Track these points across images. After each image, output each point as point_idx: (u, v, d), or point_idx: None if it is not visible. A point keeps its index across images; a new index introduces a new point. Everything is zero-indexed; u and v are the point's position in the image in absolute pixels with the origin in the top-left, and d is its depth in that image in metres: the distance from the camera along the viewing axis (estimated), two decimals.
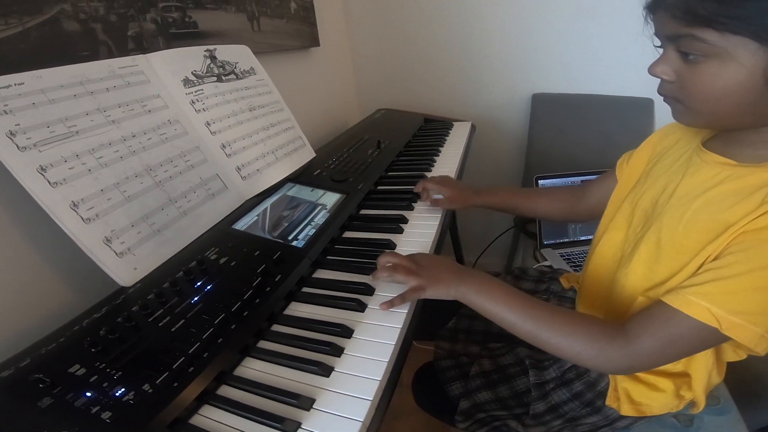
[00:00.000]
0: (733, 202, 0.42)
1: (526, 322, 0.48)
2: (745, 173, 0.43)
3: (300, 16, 1.11)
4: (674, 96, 0.44)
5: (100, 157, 0.53)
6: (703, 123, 0.47)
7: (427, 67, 1.41)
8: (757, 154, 0.43)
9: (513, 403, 0.60)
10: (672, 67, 0.42)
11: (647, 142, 0.61)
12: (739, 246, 0.40)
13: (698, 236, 0.44)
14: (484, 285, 0.51)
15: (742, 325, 0.38)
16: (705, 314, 0.39)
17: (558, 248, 1.20)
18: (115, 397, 0.35)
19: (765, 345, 0.39)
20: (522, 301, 0.49)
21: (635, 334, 0.44)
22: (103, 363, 0.38)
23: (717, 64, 0.38)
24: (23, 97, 0.48)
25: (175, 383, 0.37)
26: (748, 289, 0.39)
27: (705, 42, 0.38)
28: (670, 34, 0.41)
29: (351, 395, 0.39)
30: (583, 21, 1.19)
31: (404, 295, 0.51)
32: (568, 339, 0.46)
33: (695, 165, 0.48)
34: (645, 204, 0.53)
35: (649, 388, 0.54)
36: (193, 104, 0.67)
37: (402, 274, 0.52)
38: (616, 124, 1.27)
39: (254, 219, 0.66)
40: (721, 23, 0.36)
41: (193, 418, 0.38)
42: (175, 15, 0.73)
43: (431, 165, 0.96)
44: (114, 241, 0.51)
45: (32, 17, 0.53)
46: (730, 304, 0.39)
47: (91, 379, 0.37)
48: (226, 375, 0.42)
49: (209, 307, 0.47)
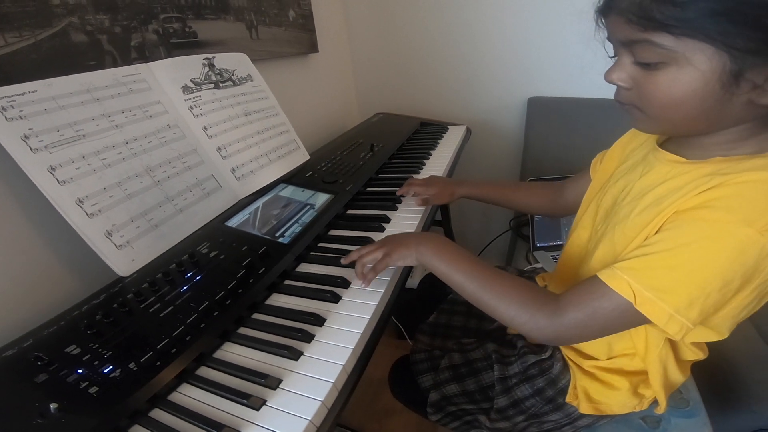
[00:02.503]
0: (676, 197, 0.42)
1: (471, 284, 0.50)
2: (691, 169, 0.43)
3: (299, 23, 1.15)
4: (632, 103, 0.44)
5: (104, 159, 0.58)
6: (661, 130, 0.47)
7: (425, 72, 1.45)
8: (704, 154, 0.43)
9: (479, 397, 0.62)
10: (628, 73, 0.42)
11: (618, 142, 0.62)
12: (671, 224, 0.41)
13: (641, 226, 0.44)
14: (440, 247, 0.54)
15: (652, 300, 0.39)
16: (625, 287, 0.40)
17: (551, 251, 1.21)
18: (104, 374, 0.40)
19: (676, 327, 0.39)
20: (471, 265, 0.51)
21: (564, 304, 0.44)
22: (96, 344, 0.43)
23: (674, 69, 0.38)
24: (36, 104, 0.54)
25: (158, 362, 0.42)
26: (666, 266, 0.39)
27: (661, 47, 0.37)
28: (625, 39, 0.40)
29: (315, 377, 0.43)
30: (578, 25, 1.20)
31: (375, 266, 0.55)
32: (504, 302, 0.48)
33: (650, 164, 0.49)
34: (607, 204, 0.54)
35: (605, 387, 0.56)
36: (191, 110, 0.72)
37: (368, 256, 0.56)
38: (611, 127, 1.26)
39: (246, 217, 0.71)
40: (677, 27, 0.35)
41: (172, 395, 0.42)
42: (176, 26, 0.78)
43: (420, 167, 0.99)
44: (114, 235, 0.56)
45: (43, 30, 0.58)
46: (648, 279, 0.39)
47: (84, 358, 0.41)
48: (206, 357, 0.46)
49: (196, 296, 0.51)
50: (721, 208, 0.37)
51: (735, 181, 0.38)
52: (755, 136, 0.41)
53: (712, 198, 0.38)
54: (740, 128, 0.41)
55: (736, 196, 0.37)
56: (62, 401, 0.37)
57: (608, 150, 0.64)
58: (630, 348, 0.53)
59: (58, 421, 0.35)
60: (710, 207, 0.38)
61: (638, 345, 0.52)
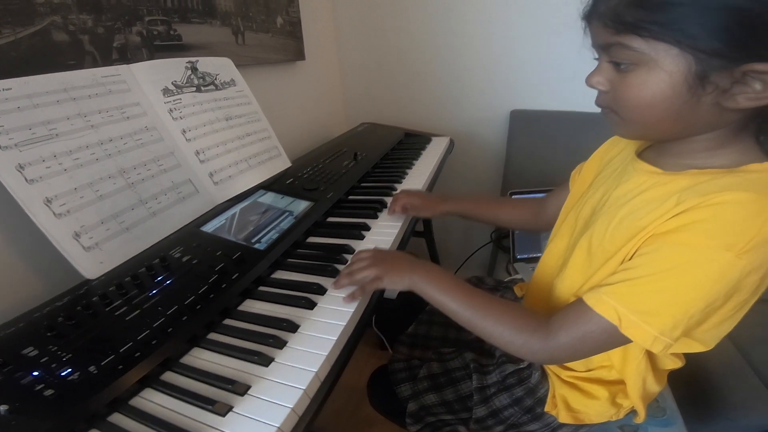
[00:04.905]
0: (651, 209, 0.43)
1: (465, 311, 0.51)
2: (667, 181, 0.44)
3: (286, 30, 1.15)
4: (609, 106, 0.45)
5: (76, 159, 0.57)
6: (636, 134, 0.48)
7: (412, 84, 1.47)
8: (679, 163, 0.44)
9: (458, 407, 0.62)
10: (606, 76, 0.43)
11: (596, 153, 0.63)
12: (648, 248, 0.42)
13: (620, 241, 0.45)
14: (433, 275, 0.54)
15: (637, 324, 0.40)
16: (610, 312, 0.41)
17: (531, 262, 1.23)
18: (61, 376, 0.38)
19: (660, 347, 0.40)
20: (463, 292, 0.52)
21: (554, 329, 0.46)
22: (56, 346, 0.41)
23: (644, 71, 0.39)
24: (9, 102, 0.52)
25: (120, 366, 0.40)
26: (650, 291, 0.40)
27: (632, 49, 0.39)
28: (603, 43, 0.42)
29: (286, 383, 0.42)
30: (560, 38, 1.23)
31: (364, 286, 0.54)
32: (498, 329, 0.49)
33: (628, 174, 0.50)
34: (586, 213, 0.55)
35: (584, 396, 0.56)
36: (170, 112, 0.71)
37: (360, 273, 0.55)
38: (592, 140, 1.30)
39: (222, 222, 0.69)
40: (645, 29, 0.37)
41: (134, 400, 0.41)
42: (161, 28, 0.78)
43: (403, 177, 1.00)
44: (83, 236, 0.54)
45: (25, 28, 0.58)
46: (634, 303, 0.40)
47: (42, 360, 0.40)
48: (172, 362, 0.45)
49: (165, 300, 0.50)
50: (701, 232, 0.38)
51: (711, 202, 0.38)
52: (728, 145, 0.42)
53: (691, 221, 0.39)
54: (713, 135, 0.42)
55: (713, 219, 0.38)
56: (14, 403, 0.35)
57: (586, 161, 0.65)
58: (606, 361, 0.54)
59: (8, 423, 0.34)
60: (689, 231, 0.39)
61: (614, 359, 0.53)
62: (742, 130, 0.42)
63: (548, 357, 0.48)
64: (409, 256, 0.59)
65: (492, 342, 0.50)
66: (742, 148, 0.42)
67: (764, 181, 0.38)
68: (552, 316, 0.47)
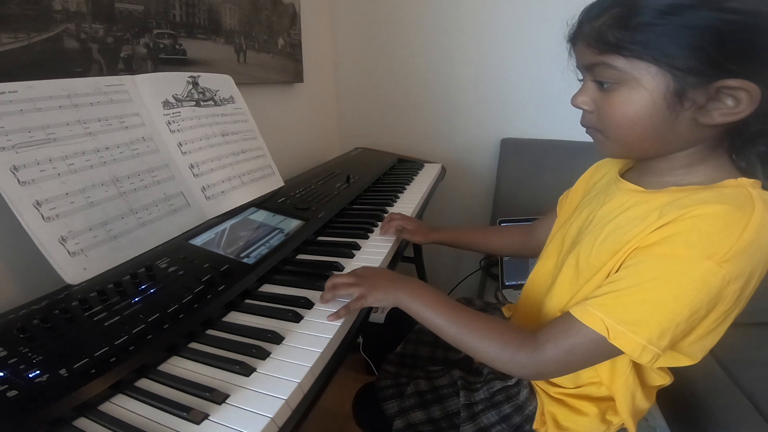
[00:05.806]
0: (634, 224, 0.45)
1: (451, 327, 0.50)
2: (649, 198, 0.46)
3: (287, 52, 1.19)
4: (594, 126, 0.47)
5: (71, 164, 0.57)
6: (620, 151, 0.50)
7: (406, 111, 1.52)
8: (660, 181, 0.46)
9: (445, 425, 0.60)
10: (590, 96, 0.45)
11: (581, 178, 0.66)
12: (632, 260, 0.43)
13: (606, 256, 0.47)
14: (417, 291, 0.54)
15: (625, 334, 0.40)
16: (598, 323, 0.42)
17: (519, 288, 1.22)
18: (28, 378, 0.37)
19: (648, 357, 0.40)
20: (449, 307, 0.52)
21: (542, 343, 0.46)
22: (27, 348, 0.40)
23: (627, 90, 0.41)
24: (13, 104, 0.53)
25: (93, 370, 0.39)
26: (636, 301, 0.41)
27: (615, 68, 0.41)
28: (587, 63, 0.44)
29: (267, 393, 0.40)
30: (551, 68, 1.28)
31: (348, 305, 0.53)
32: (484, 344, 0.48)
33: (612, 193, 0.52)
34: (572, 233, 0.57)
35: (573, 412, 0.55)
36: (168, 125, 0.72)
37: (344, 289, 0.55)
38: (581, 168, 1.34)
39: (212, 236, 0.69)
40: (627, 49, 0.39)
41: (104, 405, 0.39)
42: (167, 41, 0.81)
43: (394, 200, 1.01)
44: (69, 241, 0.54)
45: (39, 33, 0.59)
46: (620, 314, 0.41)
47: (10, 361, 0.38)
48: (149, 369, 0.43)
49: (146, 308, 0.49)
50: (682, 243, 0.39)
51: (691, 214, 0.40)
52: (705, 162, 0.45)
53: (672, 233, 0.40)
54: (691, 152, 0.45)
55: (693, 230, 0.39)
56: None
57: (572, 187, 0.68)
58: (594, 377, 0.54)
59: None
60: (671, 242, 0.40)
61: (602, 375, 0.53)
62: (717, 147, 0.44)
63: (536, 371, 0.48)
64: (393, 273, 0.59)
65: (478, 357, 0.50)
66: (717, 165, 0.44)
67: (739, 195, 0.40)
68: (538, 331, 0.47)
